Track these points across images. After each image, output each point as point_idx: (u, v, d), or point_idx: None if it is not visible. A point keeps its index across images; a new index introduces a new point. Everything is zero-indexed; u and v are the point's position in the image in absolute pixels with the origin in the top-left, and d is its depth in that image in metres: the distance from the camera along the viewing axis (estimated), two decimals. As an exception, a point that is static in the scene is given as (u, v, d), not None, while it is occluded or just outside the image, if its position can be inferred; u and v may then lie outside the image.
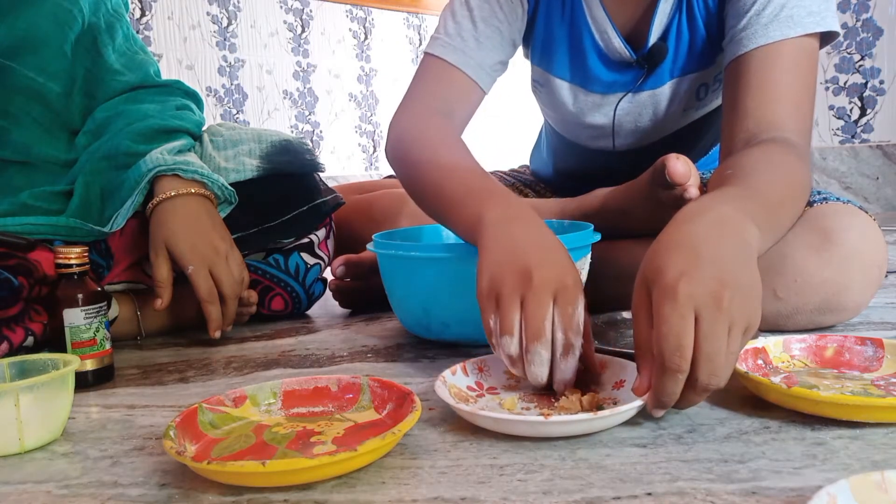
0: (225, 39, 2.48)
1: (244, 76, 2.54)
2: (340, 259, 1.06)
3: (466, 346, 0.82)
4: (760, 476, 0.46)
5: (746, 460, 0.48)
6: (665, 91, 0.94)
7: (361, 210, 1.14)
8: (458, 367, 0.64)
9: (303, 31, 2.71)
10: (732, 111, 0.79)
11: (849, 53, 2.25)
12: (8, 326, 0.79)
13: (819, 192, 0.84)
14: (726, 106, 0.81)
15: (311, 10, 2.73)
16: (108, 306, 0.79)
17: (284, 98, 2.66)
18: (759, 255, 0.57)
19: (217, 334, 0.89)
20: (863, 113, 2.26)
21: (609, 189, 0.92)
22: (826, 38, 0.80)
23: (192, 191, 0.90)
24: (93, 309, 0.74)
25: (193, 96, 1.07)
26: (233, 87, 2.50)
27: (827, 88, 2.29)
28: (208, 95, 2.44)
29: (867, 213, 0.80)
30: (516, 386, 0.64)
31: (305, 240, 1.04)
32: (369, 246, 0.86)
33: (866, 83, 2.25)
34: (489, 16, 0.90)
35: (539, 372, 0.56)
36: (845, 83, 2.27)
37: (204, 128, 1.07)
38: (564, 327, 0.56)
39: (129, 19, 1.06)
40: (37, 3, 0.93)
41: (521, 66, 1.05)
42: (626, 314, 0.85)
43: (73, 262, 0.74)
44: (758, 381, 0.56)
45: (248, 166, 1.00)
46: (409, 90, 0.92)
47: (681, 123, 1.00)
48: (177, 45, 2.35)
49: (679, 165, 0.75)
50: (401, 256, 0.81)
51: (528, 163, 1.34)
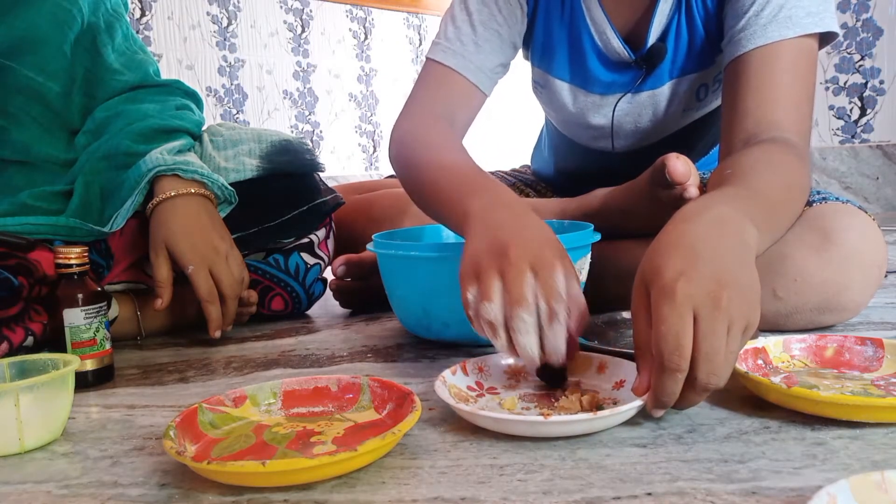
0: (225, 39, 2.48)
1: (244, 76, 2.54)
2: (341, 259, 1.06)
3: (466, 346, 0.82)
4: (760, 476, 0.46)
5: (746, 460, 0.48)
6: (664, 91, 0.94)
7: (362, 210, 1.14)
8: (458, 366, 0.64)
9: (303, 31, 2.71)
10: (732, 111, 0.79)
11: (849, 53, 2.25)
12: (8, 326, 0.80)
13: (819, 192, 0.85)
14: (725, 106, 0.81)
15: (311, 10, 2.73)
16: (108, 306, 0.79)
17: (284, 98, 2.66)
18: (757, 255, 0.57)
19: (217, 334, 0.89)
20: (863, 113, 2.26)
21: (609, 189, 0.92)
22: (825, 38, 0.80)
23: (192, 191, 0.90)
24: (93, 309, 0.74)
25: (193, 96, 1.08)
26: (233, 87, 2.50)
27: (827, 88, 2.29)
28: (208, 95, 2.44)
29: (867, 213, 0.80)
30: (516, 386, 0.64)
31: (305, 240, 1.04)
32: (369, 246, 0.86)
33: (866, 83, 2.25)
34: (488, 19, 0.91)
35: (526, 341, 0.55)
36: (845, 83, 2.27)
37: (204, 128, 1.07)
38: (545, 295, 0.55)
39: (128, 19, 1.07)
40: (36, 3, 0.93)
41: (521, 67, 1.05)
42: (626, 314, 0.85)
43: (73, 262, 0.74)
44: (758, 381, 0.56)
45: (248, 166, 1.00)
46: (410, 95, 0.93)
47: (681, 124, 1.00)
48: (177, 45, 2.35)
49: (679, 165, 0.76)
50: (401, 256, 0.81)
51: (529, 162, 1.34)
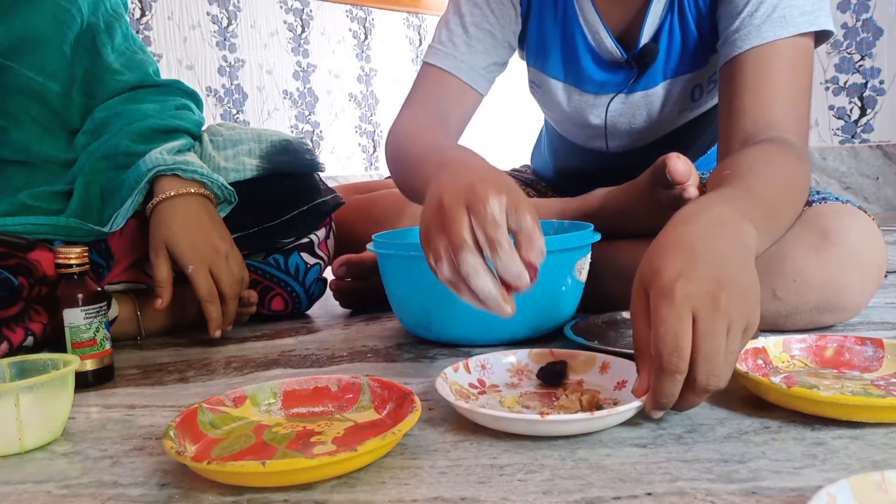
0: (225, 39, 2.48)
1: (244, 76, 2.54)
2: (341, 259, 1.07)
3: (466, 345, 0.82)
4: (760, 476, 0.45)
5: (746, 460, 0.48)
6: (658, 92, 0.94)
7: (362, 210, 1.14)
8: (460, 364, 0.65)
9: (303, 31, 2.71)
10: (729, 112, 0.79)
11: (849, 53, 2.25)
12: (8, 326, 0.79)
13: (818, 192, 0.84)
14: (722, 107, 0.81)
15: (311, 10, 2.73)
16: (108, 306, 0.79)
17: (284, 98, 2.66)
18: (757, 256, 0.57)
19: (217, 334, 0.89)
20: (863, 113, 2.26)
21: (609, 189, 0.92)
22: (820, 37, 0.80)
23: (192, 190, 0.90)
24: (93, 309, 0.74)
25: (193, 96, 1.08)
26: (233, 87, 2.50)
27: (827, 88, 2.29)
28: (208, 95, 2.44)
29: (867, 213, 0.80)
30: (518, 384, 0.64)
31: (305, 240, 1.04)
32: (369, 246, 0.86)
33: (866, 83, 2.25)
34: (481, 20, 0.92)
35: (481, 282, 0.55)
36: (845, 83, 2.27)
37: (204, 128, 1.07)
38: (481, 225, 0.55)
39: (128, 19, 1.07)
40: (36, 3, 0.93)
41: (520, 66, 1.06)
42: (626, 314, 0.85)
43: (73, 262, 0.74)
44: (758, 381, 0.56)
45: (248, 166, 1.00)
46: (406, 98, 0.95)
47: (677, 124, 1.00)
48: (177, 45, 2.35)
49: (679, 164, 0.76)
50: (401, 256, 0.81)
51: (529, 162, 1.34)
